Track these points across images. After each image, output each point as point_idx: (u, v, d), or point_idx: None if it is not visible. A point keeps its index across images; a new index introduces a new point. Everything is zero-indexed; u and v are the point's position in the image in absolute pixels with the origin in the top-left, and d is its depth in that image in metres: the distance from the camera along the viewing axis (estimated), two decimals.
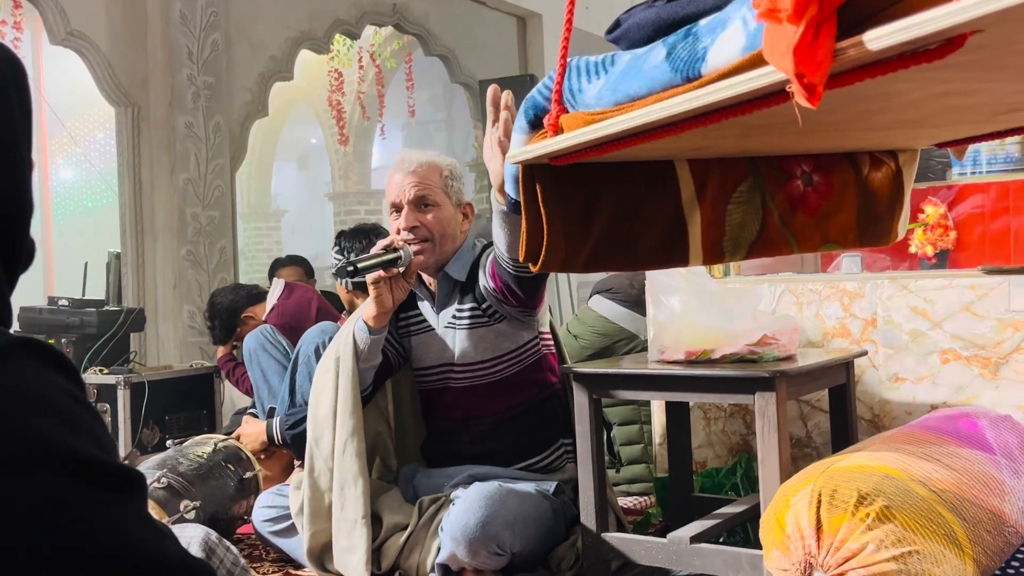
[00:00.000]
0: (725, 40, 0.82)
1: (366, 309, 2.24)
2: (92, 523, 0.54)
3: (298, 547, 2.29)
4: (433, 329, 2.34)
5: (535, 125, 1.25)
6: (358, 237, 3.15)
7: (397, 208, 2.28)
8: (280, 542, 2.34)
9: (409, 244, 2.21)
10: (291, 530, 2.30)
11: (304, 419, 2.41)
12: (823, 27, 0.62)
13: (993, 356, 2.27)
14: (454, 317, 2.30)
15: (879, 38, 0.60)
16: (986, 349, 2.27)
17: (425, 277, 2.36)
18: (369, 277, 2.18)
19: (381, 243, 2.22)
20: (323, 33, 5.38)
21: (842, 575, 1.49)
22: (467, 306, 2.28)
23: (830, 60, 0.62)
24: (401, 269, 2.19)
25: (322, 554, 2.20)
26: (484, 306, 2.25)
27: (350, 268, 2.12)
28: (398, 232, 2.25)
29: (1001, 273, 2.29)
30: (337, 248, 3.18)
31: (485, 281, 2.20)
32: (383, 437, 2.43)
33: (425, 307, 2.36)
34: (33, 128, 0.68)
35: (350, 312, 3.31)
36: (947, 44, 0.59)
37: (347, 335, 2.27)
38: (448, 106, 9.40)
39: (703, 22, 0.92)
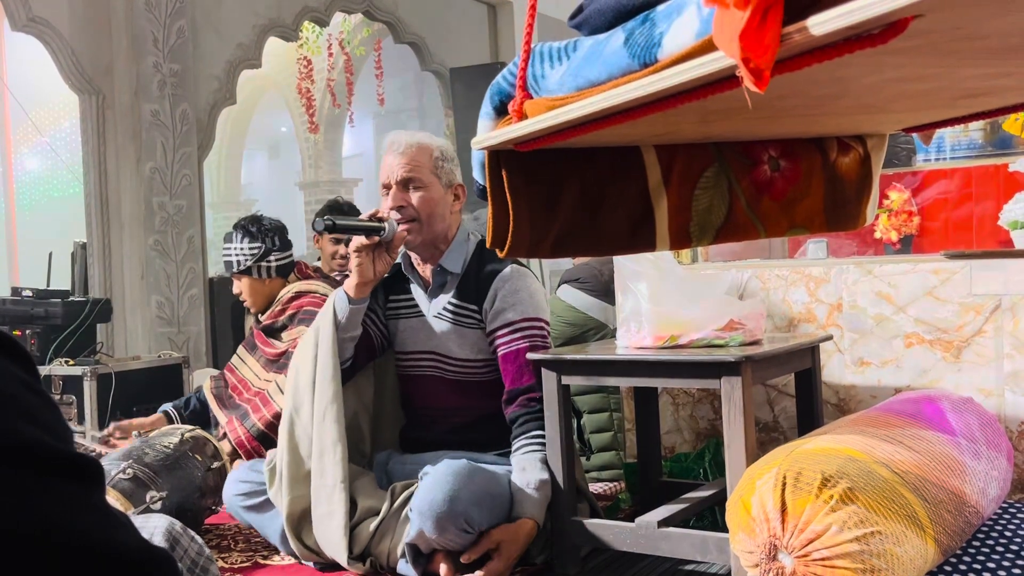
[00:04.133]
0: (680, 26, 0.83)
1: (348, 279, 2.28)
2: (46, 512, 0.53)
3: (270, 523, 2.29)
4: (423, 315, 2.36)
5: (500, 111, 1.25)
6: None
7: (387, 188, 2.31)
8: (252, 517, 2.33)
9: (398, 224, 2.25)
10: (264, 506, 2.30)
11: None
12: (770, 12, 0.62)
13: (955, 340, 2.30)
14: (446, 309, 2.32)
15: (823, 23, 0.61)
16: (948, 333, 2.31)
17: (418, 265, 2.38)
18: (352, 245, 2.23)
19: (368, 212, 2.26)
20: (291, 20, 5.33)
21: (806, 556, 1.51)
22: (465, 305, 2.30)
23: (776, 45, 0.63)
24: (386, 240, 2.23)
25: (300, 521, 2.20)
26: (482, 315, 2.29)
27: (329, 223, 2.16)
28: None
29: (963, 258, 2.32)
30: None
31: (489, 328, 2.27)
32: (357, 420, 2.44)
33: (418, 292, 2.39)
34: None
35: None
36: (890, 29, 0.59)
37: (328, 306, 2.30)
38: (419, 94, 9.33)
39: (661, 8, 0.92)
